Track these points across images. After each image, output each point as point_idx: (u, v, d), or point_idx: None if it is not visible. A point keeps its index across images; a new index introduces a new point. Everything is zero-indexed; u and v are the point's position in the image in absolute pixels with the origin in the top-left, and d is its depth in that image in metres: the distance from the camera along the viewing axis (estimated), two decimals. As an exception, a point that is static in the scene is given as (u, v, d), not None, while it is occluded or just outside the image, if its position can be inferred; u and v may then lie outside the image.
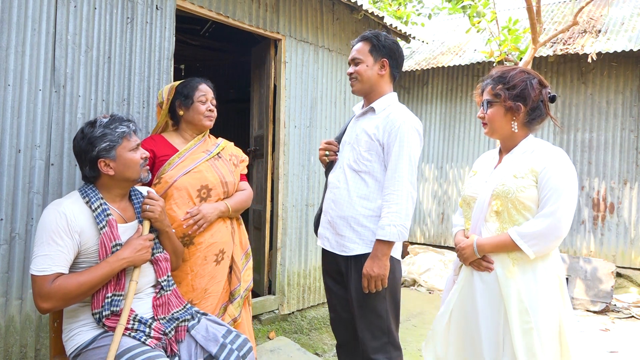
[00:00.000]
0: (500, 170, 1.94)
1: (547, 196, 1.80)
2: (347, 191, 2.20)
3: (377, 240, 2.07)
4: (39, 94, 2.46)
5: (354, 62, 2.27)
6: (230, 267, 2.39)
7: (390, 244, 2.06)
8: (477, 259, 1.91)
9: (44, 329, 2.48)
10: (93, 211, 1.79)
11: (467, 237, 1.98)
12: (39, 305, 1.68)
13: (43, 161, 2.48)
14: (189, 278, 2.23)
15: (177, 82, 2.43)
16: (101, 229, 1.78)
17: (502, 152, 2.03)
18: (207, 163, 2.33)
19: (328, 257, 2.31)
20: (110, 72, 2.75)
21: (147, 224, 1.90)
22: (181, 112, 2.37)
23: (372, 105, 2.25)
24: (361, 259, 2.15)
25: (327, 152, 2.38)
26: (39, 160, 2.46)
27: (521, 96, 1.89)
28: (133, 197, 1.99)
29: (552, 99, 1.94)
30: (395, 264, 2.18)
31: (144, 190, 2.08)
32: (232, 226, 2.42)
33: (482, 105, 1.99)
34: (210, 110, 2.37)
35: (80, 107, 2.61)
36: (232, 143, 2.58)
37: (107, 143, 1.82)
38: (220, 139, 2.52)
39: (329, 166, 2.42)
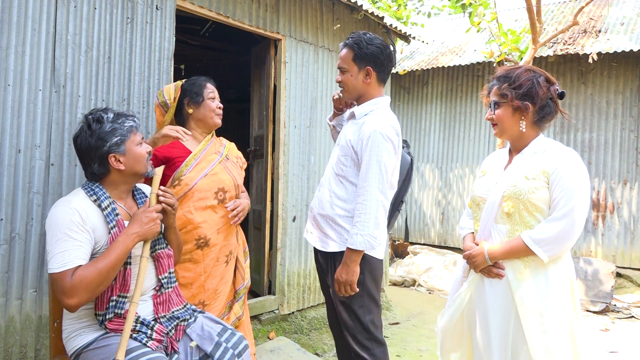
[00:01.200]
0: (510, 171, 1.91)
1: (558, 198, 1.77)
2: (329, 192, 2.25)
3: (347, 247, 2.09)
4: (39, 94, 2.46)
5: (341, 70, 2.26)
6: (235, 267, 2.42)
7: (358, 252, 2.07)
8: (488, 266, 1.88)
9: (44, 329, 2.48)
10: (103, 210, 1.78)
11: (477, 244, 1.95)
12: (66, 303, 1.63)
13: (43, 161, 2.48)
14: (201, 279, 2.24)
15: (181, 81, 2.42)
16: (112, 228, 1.77)
17: (512, 152, 2.00)
18: (221, 165, 2.35)
19: (315, 250, 2.37)
20: (110, 72, 2.75)
21: (153, 197, 1.85)
22: (190, 110, 2.36)
23: (353, 110, 2.26)
24: (338, 256, 2.19)
25: (340, 94, 2.36)
26: (39, 160, 2.46)
27: (528, 95, 1.86)
28: (136, 194, 1.99)
29: (561, 96, 1.91)
30: (372, 264, 2.20)
31: (144, 187, 2.08)
32: (236, 226, 2.44)
33: (490, 107, 1.96)
34: (219, 107, 2.39)
35: (80, 107, 2.61)
36: (234, 144, 2.59)
37: (118, 137, 1.82)
38: (223, 139, 2.52)
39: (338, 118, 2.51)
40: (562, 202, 1.76)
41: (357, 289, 2.13)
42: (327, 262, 2.26)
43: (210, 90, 2.37)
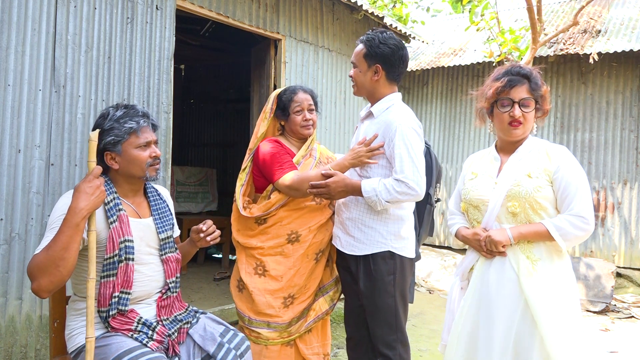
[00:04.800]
0: (509, 170, 1.90)
1: (570, 194, 1.80)
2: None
3: (361, 186, 2.12)
4: (39, 94, 2.46)
5: (353, 65, 2.29)
6: (327, 263, 2.47)
7: (359, 193, 2.13)
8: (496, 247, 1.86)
9: (44, 329, 2.48)
10: (105, 204, 1.77)
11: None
12: (32, 289, 1.60)
13: (43, 161, 2.48)
14: (291, 273, 2.30)
15: (279, 91, 2.49)
16: (111, 223, 1.76)
17: (502, 152, 1.99)
18: (317, 169, 2.39)
19: (340, 253, 2.37)
20: (110, 72, 2.75)
21: (92, 164, 1.69)
22: (282, 123, 2.47)
23: (371, 109, 2.28)
24: (369, 259, 2.19)
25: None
26: (39, 160, 2.46)
27: (542, 96, 1.91)
28: (148, 193, 1.98)
29: None
30: (405, 263, 2.22)
31: (160, 189, 2.07)
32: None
33: (518, 105, 1.88)
34: (306, 119, 2.42)
35: (80, 107, 2.61)
36: (324, 147, 2.66)
37: (112, 137, 1.80)
38: (315, 143, 2.57)
39: None
40: (575, 198, 1.79)
41: (397, 284, 2.17)
42: (357, 265, 2.25)
43: (297, 104, 2.40)
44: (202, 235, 1.97)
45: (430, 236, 2.69)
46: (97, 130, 1.72)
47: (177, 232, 2.09)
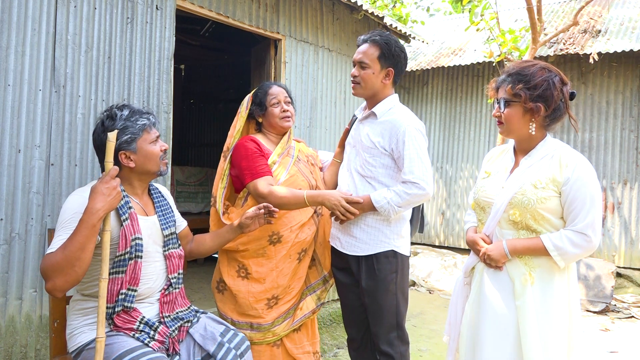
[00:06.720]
0: (517, 175, 1.84)
1: (575, 209, 1.73)
2: (356, 194, 2.23)
3: (371, 200, 2.16)
4: (39, 94, 2.47)
5: (360, 65, 2.22)
6: (313, 263, 2.47)
7: (373, 208, 2.17)
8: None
9: (44, 329, 2.48)
10: None
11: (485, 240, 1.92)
12: (45, 287, 1.62)
13: (43, 161, 2.48)
14: (274, 274, 2.29)
15: (253, 92, 2.48)
16: (124, 220, 1.77)
17: (517, 153, 1.93)
18: (295, 167, 2.40)
19: (338, 254, 2.36)
20: (110, 72, 2.75)
21: (109, 165, 1.72)
22: (260, 120, 2.44)
23: (373, 110, 2.26)
24: (372, 258, 2.21)
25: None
26: (39, 160, 2.46)
27: (543, 97, 1.76)
28: (152, 193, 2.00)
29: (572, 96, 1.82)
30: (404, 261, 2.25)
31: (160, 187, 2.09)
32: (315, 225, 2.45)
33: (498, 103, 1.86)
34: (284, 110, 2.40)
35: (80, 107, 2.61)
36: (304, 143, 2.63)
37: (129, 135, 1.82)
38: (293, 141, 2.54)
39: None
40: (580, 215, 1.73)
41: (397, 282, 2.21)
42: (358, 265, 2.25)
43: (273, 97, 2.39)
44: (266, 213, 2.07)
45: (420, 232, 2.71)
46: (115, 131, 1.73)
47: (184, 223, 2.14)
